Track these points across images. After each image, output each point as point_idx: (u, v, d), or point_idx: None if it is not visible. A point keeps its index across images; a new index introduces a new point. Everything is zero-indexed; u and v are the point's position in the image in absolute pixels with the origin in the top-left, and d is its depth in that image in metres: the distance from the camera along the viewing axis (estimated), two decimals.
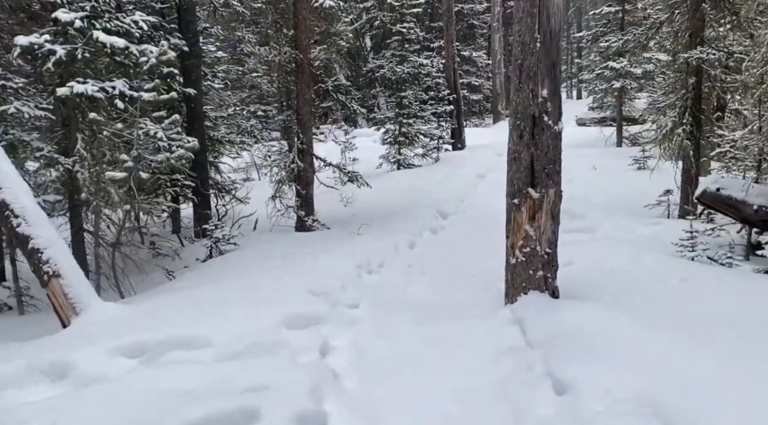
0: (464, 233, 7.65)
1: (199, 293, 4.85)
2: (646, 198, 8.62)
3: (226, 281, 5.18)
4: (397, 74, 13.37)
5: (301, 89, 8.72)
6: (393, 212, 9.05)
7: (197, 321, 4.17)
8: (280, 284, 4.94)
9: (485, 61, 23.98)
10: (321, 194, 10.31)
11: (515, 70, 4.68)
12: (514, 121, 4.71)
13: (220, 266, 6.05)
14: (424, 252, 6.77)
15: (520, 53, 4.62)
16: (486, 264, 6.19)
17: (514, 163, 4.76)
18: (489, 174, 11.70)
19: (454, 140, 15.78)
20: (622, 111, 14.31)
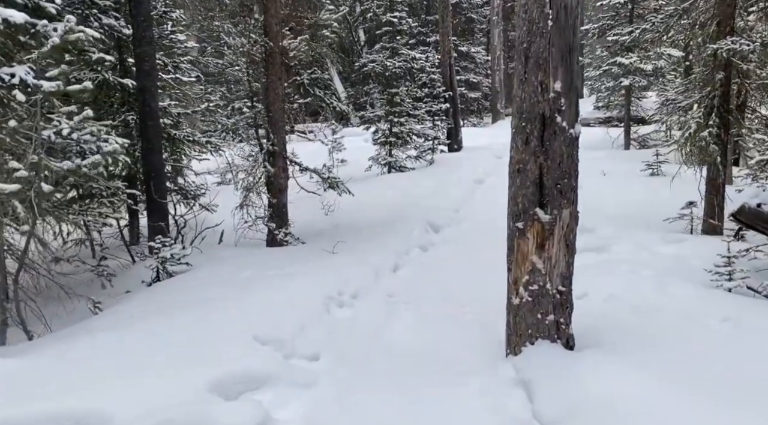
0: (458, 252, 6.61)
1: (115, 339, 3.81)
2: (664, 209, 7.59)
3: (156, 320, 4.13)
4: (388, 69, 12.32)
5: (272, 82, 7.67)
6: (379, 224, 8.01)
7: (98, 385, 3.13)
8: (220, 327, 3.90)
9: (484, 57, 22.94)
10: (300, 200, 9.29)
11: (520, 58, 3.64)
12: (518, 122, 3.68)
13: (159, 296, 5.01)
14: (411, 276, 5.73)
15: (527, 35, 3.58)
16: (482, 292, 5.17)
17: (517, 175, 3.72)
18: (487, 179, 10.67)
19: (450, 140, 14.75)
20: (630, 111, 13.28)
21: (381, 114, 12.53)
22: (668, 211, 7.45)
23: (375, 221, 8.23)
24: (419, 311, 4.79)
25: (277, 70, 7.71)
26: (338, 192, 8.18)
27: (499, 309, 4.31)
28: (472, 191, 9.71)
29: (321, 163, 15.15)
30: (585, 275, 4.87)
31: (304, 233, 8.04)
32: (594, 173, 9.79)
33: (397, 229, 7.52)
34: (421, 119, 12.99)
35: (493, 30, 21.89)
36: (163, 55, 10.31)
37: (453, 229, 7.74)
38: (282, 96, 7.82)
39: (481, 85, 22.89)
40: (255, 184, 7.67)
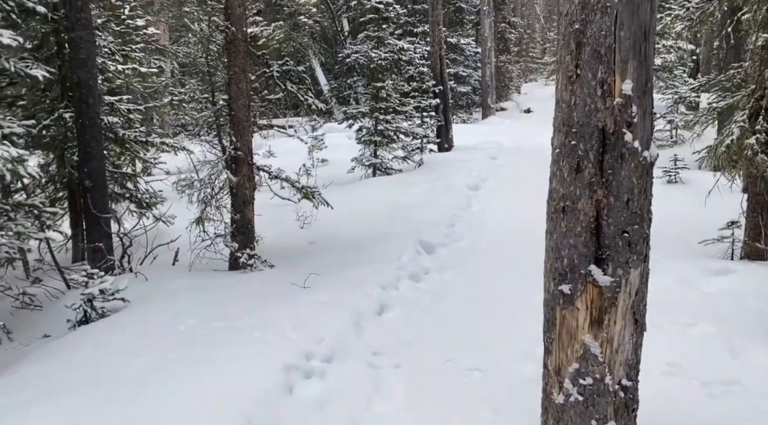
0: (457, 283, 5.44)
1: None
2: (694, 227, 6.51)
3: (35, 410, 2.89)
4: (372, 61, 11.08)
5: (235, 75, 6.41)
6: (362, 243, 6.82)
7: None
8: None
9: (474, 49, 21.75)
10: (273, 208, 8.07)
11: (567, 45, 2.46)
12: (564, 139, 2.51)
13: (65, 355, 3.75)
14: (401, 321, 4.54)
15: (580, 11, 2.40)
16: (494, 348, 4.03)
17: (562, 217, 2.55)
18: (483, 185, 9.50)
19: (440, 139, 13.56)
20: None
21: (365, 110, 11.29)
22: (700, 228, 6.36)
23: (357, 238, 7.03)
24: (414, 381, 3.61)
25: (240, 61, 6.45)
26: (314, 205, 6.96)
27: (518, 378, 3.21)
28: (468, 200, 8.53)
29: (300, 162, 13.90)
30: None
31: (274, 252, 6.82)
32: None
33: (383, 250, 6.33)
34: (409, 115, 11.78)
35: (483, 20, 20.69)
36: (121, 44, 9.00)
37: (449, 250, 6.56)
38: (246, 91, 6.56)
39: (471, 78, 21.71)
40: (214, 196, 6.41)
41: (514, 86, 29.33)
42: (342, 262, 6.08)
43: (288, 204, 7.48)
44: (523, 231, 7.04)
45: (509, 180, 9.83)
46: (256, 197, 7.12)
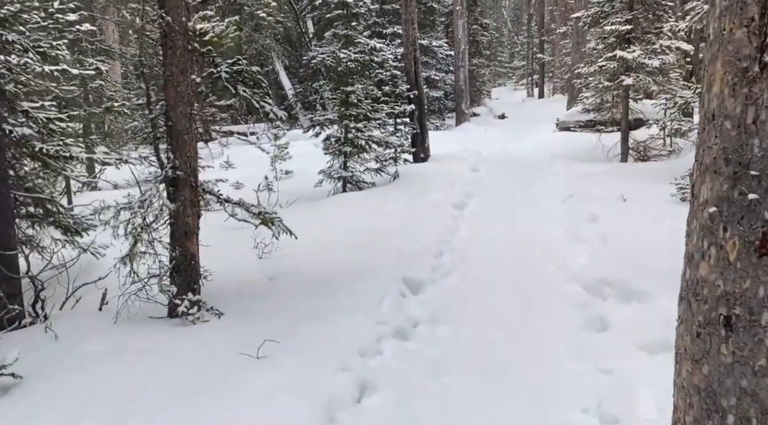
0: (457, 341, 4.25)
1: None
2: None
3: None
4: (341, 62, 9.87)
5: (172, 76, 5.12)
6: (333, 280, 5.58)
7: None
8: None
9: (446, 52, 20.76)
10: (227, 232, 6.82)
11: (735, 7, 1.30)
12: (727, 187, 1.35)
13: None
14: (389, 410, 3.32)
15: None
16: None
17: (724, 335, 1.37)
18: (469, 203, 8.38)
19: (415, 148, 12.43)
20: (628, 114, 11.29)
21: (333, 117, 10.06)
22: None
23: (327, 274, 5.79)
24: None
25: (179, 59, 5.15)
26: (275, 234, 5.69)
27: None
28: (455, 221, 7.38)
29: (262, 174, 12.58)
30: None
31: (225, 293, 5.53)
32: (610, 199, 7.66)
33: (360, 292, 5.11)
34: (382, 123, 10.60)
35: (456, 21, 19.73)
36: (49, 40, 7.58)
37: (439, 288, 5.38)
38: (188, 96, 5.26)
39: (444, 82, 20.71)
40: (146, 227, 5.07)
41: (486, 91, 28.53)
42: (309, 310, 4.83)
43: (246, 226, 6.20)
44: (522, 263, 5.92)
45: (496, 196, 8.74)
46: (206, 218, 5.85)
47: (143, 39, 5.50)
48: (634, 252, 5.74)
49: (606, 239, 6.20)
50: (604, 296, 5.05)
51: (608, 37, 10.81)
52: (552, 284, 5.37)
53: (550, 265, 5.81)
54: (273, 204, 8.91)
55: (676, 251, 5.62)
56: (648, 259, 5.57)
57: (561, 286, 5.34)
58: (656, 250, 5.77)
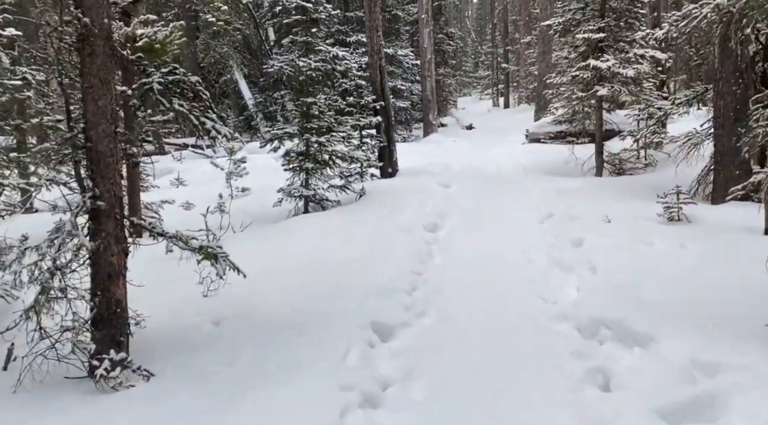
0: (438, 411, 3.51)
1: None
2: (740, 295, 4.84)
3: None
4: (301, 71, 9.10)
5: (92, 87, 4.28)
6: (289, 325, 4.80)
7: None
8: None
9: (412, 61, 20.21)
10: (168, 263, 5.98)
11: None
12: None
13: None
14: None
15: None
16: None
17: None
18: (443, 224, 7.70)
19: (382, 162, 11.72)
20: (602, 126, 10.85)
21: (293, 130, 9.27)
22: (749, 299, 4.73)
23: (283, 317, 4.99)
24: None
25: (100, 68, 4.30)
26: (219, 273, 4.86)
27: None
28: (428, 247, 6.68)
29: (217, 191, 11.66)
30: None
31: (158, 345, 4.69)
32: (593, 219, 7.08)
33: (321, 340, 4.35)
34: (346, 136, 9.86)
35: (422, 30, 19.20)
36: None
37: (413, 333, 4.65)
38: (112, 111, 4.42)
39: (411, 92, 20.14)
40: (56, 271, 4.19)
41: (453, 101, 28.16)
42: (259, 367, 4.04)
43: (191, 255, 5.36)
44: (505, 297, 5.25)
45: (470, 216, 8.09)
46: (144, 247, 5.04)
47: (60, 44, 4.62)
48: (628, 284, 5.14)
49: (594, 268, 5.59)
50: (600, 339, 4.41)
51: (580, 45, 10.35)
52: (540, 325, 4.70)
53: (535, 299, 5.16)
54: (225, 228, 8.05)
55: (672, 280, 5.00)
56: (643, 291, 4.97)
57: (550, 326, 4.68)
58: (651, 280, 5.19)
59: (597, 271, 5.51)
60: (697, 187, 8.29)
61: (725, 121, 7.36)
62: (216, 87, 22.48)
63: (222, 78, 21.76)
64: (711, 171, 8.04)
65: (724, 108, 7.33)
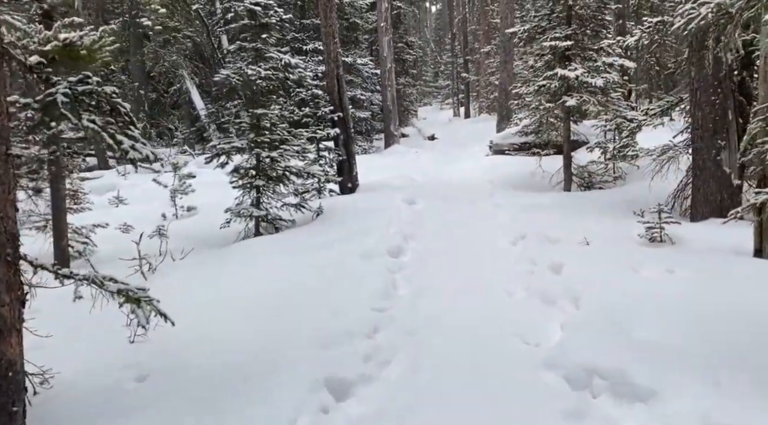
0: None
1: None
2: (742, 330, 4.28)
3: None
4: (250, 80, 8.32)
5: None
6: (226, 383, 3.99)
7: None
8: None
9: (372, 70, 19.61)
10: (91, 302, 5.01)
11: None
12: None
13: None
14: None
15: None
16: None
17: None
18: (408, 248, 7.00)
19: (341, 177, 11.00)
20: (570, 138, 10.42)
21: (241, 145, 8.46)
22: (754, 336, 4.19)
23: (222, 369, 4.18)
24: None
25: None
26: (141, 321, 4.03)
27: None
28: (392, 276, 5.96)
29: (161, 211, 10.69)
30: None
31: (65, 411, 3.82)
32: (569, 241, 6.52)
33: (264, 405, 3.58)
34: (301, 150, 9.10)
35: (381, 38, 18.63)
36: None
37: (374, 390, 3.91)
38: (4, 127, 3.57)
39: (370, 102, 19.51)
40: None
41: (414, 111, 27.70)
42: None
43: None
44: (482, 338, 4.57)
45: (438, 238, 7.43)
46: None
47: None
48: (617, 320, 4.54)
49: (578, 300, 4.99)
50: (594, 392, 3.77)
51: (546, 53, 9.90)
52: (524, 373, 4.04)
53: (516, 341, 4.50)
54: (163, 255, 7.16)
55: (666, 315, 4.41)
56: (636, 329, 4.37)
57: (535, 375, 4.02)
58: (642, 315, 4.60)
59: (581, 304, 4.91)
60: (673, 202, 7.86)
61: (704, 133, 6.95)
62: (166, 97, 21.35)
63: (172, 88, 20.64)
64: (688, 185, 7.63)
65: (703, 119, 6.92)
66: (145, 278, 6.47)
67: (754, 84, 7.08)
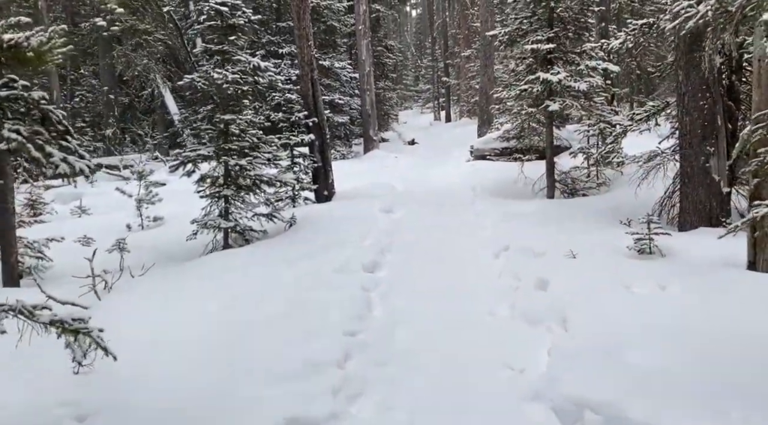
0: None
1: None
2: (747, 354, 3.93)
3: None
4: (216, 84, 7.86)
5: None
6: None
7: None
8: None
9: (350, 74, 19.22)
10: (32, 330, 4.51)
11: None
12: None
13: None
14: None
15: None
16: None
17: None
18: (385, 262, 6.58)
19: (317, 185, 10.57)
20: (552, 143, 10.12)
21: (207, 153, 7.99)
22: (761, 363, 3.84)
23: (169, 411, 3.72)
24: None
25: None
26: (76, 356, 3.55)
27: None
28: (366, 295, 5.52)
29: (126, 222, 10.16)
30: None
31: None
32: (555, 253, 6.16)
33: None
34: (272, 158, 8.64)
35: (359, 42, 18.24)
36: None
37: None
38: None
39: (349, 107, 19.09)
40: None
41: (394, 115, 27.35)
42: None
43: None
44: (463, 366, 4.17)
45: (418, 250, 7.03)
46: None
47: None
48: (609, 344, 4.17)
49: (566, 320, 4.62)
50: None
51: (528, 57, 9.59)
52: (509, 406, 3.65)
53: (500, 368, 4.11)
54: (123, 271, 6.66)
55: (662, 338, 3.87)
56: (630, 355, 4.00)
57: (521, 408, 3.63)
58: (636, 338, 4.23)
59: (569, 325, 4.54)
60: (660, 210, 7.57)
61: (692, 139, 6.66)
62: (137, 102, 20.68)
63: (143, 92, 19.99)
64: (675, 193, 7.35)
65: (691, 125, 6.63)
66: (98, 298, 5.96)
67: (742, 88, 6.82)
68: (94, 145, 21.09)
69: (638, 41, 7.27)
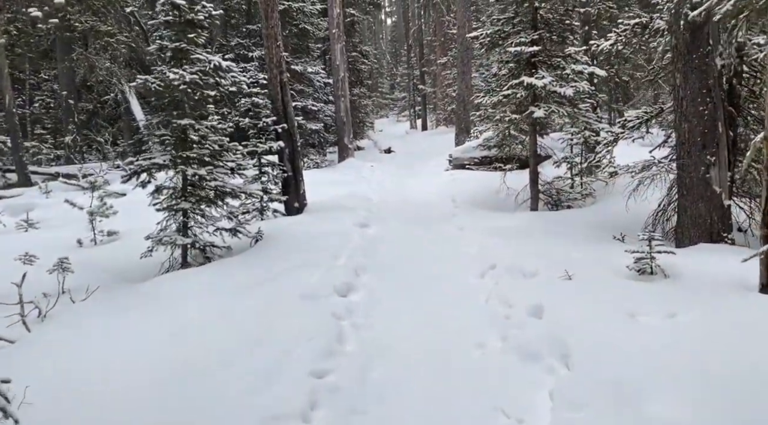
0: None
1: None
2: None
3: None
4: (172, 84, 7.13)
5: None
6: None
7: None
8: None
9: (324, 79, 18.56)
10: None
11: None
12: None
13: None
14: None
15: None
16: None
17: None
18: (360, 285, 5.90)
19: (287, 196, 9.85)
20: (536, 152, 9.60)
21: (162, 161, 7.24)
22: None
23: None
24: None
25: None
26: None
27: None
28: (338, 323, 4.85)
29: (77, 237, 9.30)
30: None
31: None
32: (548, 275, 5.56)
33: None
34: (236, 167, 7.91)
35: (333, 46, 17.61)
36: None
37: None
38: None
39: (323, 113, 18.41)
40: None
41: (370, 123, 26.75)
42: None
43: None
44: (453, 420, 3.52)
45: (396, 271, 6.38)
46: None
47: None
48: (622, 387, 3.57)
49: (568, 356, 4.01)
50: None
51: (510, 60, 9.07)
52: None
53: (494, 415, 3.47)
54: (57, 296, 5.85)
55: (682, 381, 3.10)
56: (649, 406, 3.39)
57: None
58: (652, 383, 3.62)
59: (572, 362, 3.93)
60: (654, 224, 7.07)
61: (691, 147, 6.16)
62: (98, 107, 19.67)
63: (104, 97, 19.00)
64: (671, 205, 6.85)
65: (690, 132, 6.14)
66: (28, 330, 5.15)
67: (743, 92, 6.37)
68: (54, 153, 20.00)
69: (630, 42, 6.78)
